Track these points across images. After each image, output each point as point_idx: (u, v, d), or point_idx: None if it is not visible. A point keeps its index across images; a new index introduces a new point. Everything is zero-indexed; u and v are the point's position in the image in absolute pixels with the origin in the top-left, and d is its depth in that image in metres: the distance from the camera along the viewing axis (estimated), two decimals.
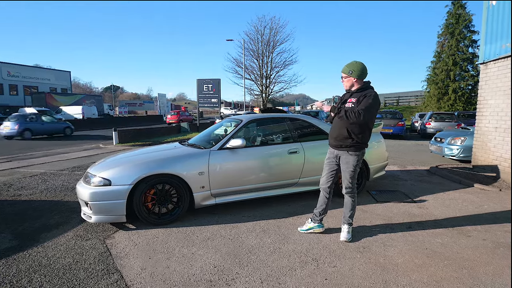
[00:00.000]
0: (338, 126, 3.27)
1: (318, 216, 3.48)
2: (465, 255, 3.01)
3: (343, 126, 3.21)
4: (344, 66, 3.25)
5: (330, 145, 3.41)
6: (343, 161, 3.28)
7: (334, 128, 3.34)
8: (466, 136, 7.99)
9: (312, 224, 3.51)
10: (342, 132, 3.22)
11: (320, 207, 3.47)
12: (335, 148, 3.33)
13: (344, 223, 3.39)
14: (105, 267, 2.84)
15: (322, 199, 3.48)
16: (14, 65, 40.84)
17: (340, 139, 3.24)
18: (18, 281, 2.61)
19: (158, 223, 3.76)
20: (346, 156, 3.25)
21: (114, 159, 4.26)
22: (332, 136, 3.35)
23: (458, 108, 24.11)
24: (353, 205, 3.35)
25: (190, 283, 2.57)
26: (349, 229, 3.36)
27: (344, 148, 3.24)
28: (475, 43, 24.53)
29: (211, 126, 5.84)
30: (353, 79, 3.21)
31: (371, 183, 5.45)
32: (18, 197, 5.15)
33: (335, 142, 3.31)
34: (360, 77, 3.20)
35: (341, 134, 3.23)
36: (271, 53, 34.59)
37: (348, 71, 3.20)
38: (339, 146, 3.27)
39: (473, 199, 4.91)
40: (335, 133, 3.30)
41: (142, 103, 60.52)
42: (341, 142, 3.24)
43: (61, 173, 7.06)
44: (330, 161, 3.42)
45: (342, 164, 3.29)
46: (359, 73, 3.18)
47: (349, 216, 3.35)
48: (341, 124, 3.23)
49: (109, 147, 12.14)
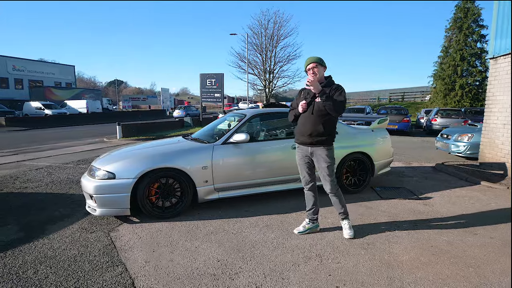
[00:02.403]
0: (311, 122, 3.15)
1: (314, 215, 3.41)
2: (472, 253, 2.97)
3: (318, 122, 3.12)
4: (311, 57, 3.18)
5: (301, 143, 3.29)
6: (319, 158, 3.20)
7: (306, 125, 3.19)
8: (473, 133, 7.89)
9: (310, 225, 3.42)
10: (317, 128, 3.12)
11: (312, 208, 3.39)
12: (309, 146, 3.23)
13: (341, 220, 3.34)
14: (110, 259, 2.85)
15: (310, 199, 3.39)
16: (19, 59, 41.01)
17: (315, 135, 3.15)
18: (24, 272, 2.63)
19: (162, 217, 3.77)
20: (321, 152, 3.18)
21: (118, 152, 4.27)
22: (305, 133, 3.20)
23: (465, 104, 23.78)
24: (341, 199, 3.28)
25: (193, 276, 2.57)
26: (349, 223, 3.32)
27: (319, 145, 3.17)
28: (484, 37, 24.10)
29: (214, 120, 5.81)
30: (323, 69, 3.20)
31: (376, 179, 5.41)
32: (24, 189, 5.19)
33: (309, 139, 3.19)
34: (325, 68, 3.23)
35: (316, 130, 3.13)
36: (274, 48, 34.32)
37: (319, 59, 3.16)
38: (314, 143, 3.17)
39: (480, 196, 4.85)
40: (309, 130, 3.16)
41: (146, 98, 60.49)
42: (317, 138, 3.15)
43: (66, 166, 7.10)
44: (304, 160, 3.32)
45: (319, 161, 3.21)
46: (325, 64, 3.21)
47: (342, 211, 3.30)
48: (315, 119, 3.13)
49: (113, 141, 12.19)
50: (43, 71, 43.73)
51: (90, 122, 24.09)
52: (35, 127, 19.87)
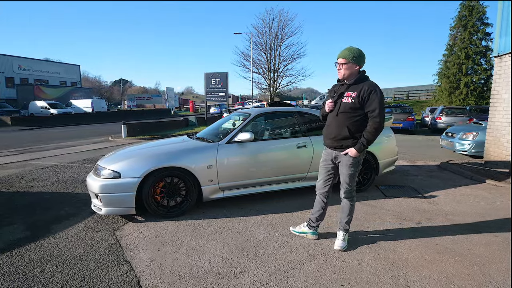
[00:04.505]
0: (336, 125, 2.90)
1: (315, 222, 3.19)
2: (477, 252, 2.96)
3: (343, 125, 2.85)
4: (343, 51, 2.83)
5: (327, 145, 3.06)
6: (343, 163, 2.93)
7: (331, 127, 2.94)
8: (478, 131, 7.83)
9: (306, 229, 3.25)
10: (342, 131, 2.85)
11: (317, 212, 3.16)
12: (333, 149, 2.98)
13: (339, 229, 3.07)
14: (115, 258, 2.88)
15: (319, 204, 3.15)
16: (25, 59, 41.36)
17: (339, 139, 2.89)
18: (30, 271, 2.66)
19: (167, 216, 3.79)
20: (346, 158, 2.89)
21: (123, 152, 4.30)
22: (329, 136, 2.96)
23: (470, 102, 23.60)
24: (351, 209, 3.02)
25: (198, 275, 2.59)
26: (345, 236, 3.04)
27: (344, 149, 2.89)
28: (489, 36, 23.89)
29: (219, 119, 5.83)
30: (355, 67, 2.83)
31: (380, 178, 5.39)
32: (30, 188, 5.24)
33: (333, 143, 2.94)
34: (361, 66, 2.86)
35: (340, 134, 2.87)
36: (279, 47, 34.34)
37: (351, 57, 2.78)
38: (339, 146, 2.92)
39: (485, 195, 4.82)
40: (333, 133, 2.91)
41: (150, 97, 60.73)
42: (341, 143, 2.89)
43: (71, 166, 7.16)
44: (326, 163, 3.07)
45: (342, 166, 2.94)
46: (361, 61, 2.83)
47: (346, 222, 3.03)
48: (340, 122, 2.87)
49: (118, 140, 12.26)
50: (48, 71, 44.06)
51: (95, 121, 24.22)
52: (40, 126, 20.01)
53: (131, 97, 56.72)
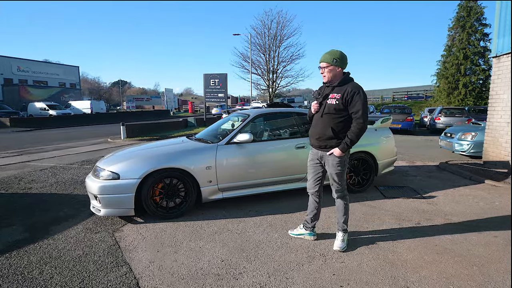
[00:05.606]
0: (321, 125, 2.95)
1: (310, 223, 3.22)
2: (476, 252, 2.96)
3: (328, 125, 2.90)
4: (324, 55, 2.89)
5: (312, 145, 3.10)
6: (328, 162, 2.96)
7: (316, 127, 3.00)
8: (477, 132, 7.85)
9: (303, 231, 3.27)
10: (326, 132, 2.90)
11: (311, 213, 3.20)
12: (319, 149, 3.02)
13: (338, 230, 3.09)
14: (114, 259, 2.87)
15: (312, 204, 3.19)
16: (24, 60, 41.34)
17: (324, 139, 2.94)
18: (29, 273, 2.65)
19: (166, 217, 3.78)
20: (331, 157, 2.93)
21: (122, 153, 4.29)
22: (315, 136, 3.01)
23: (469, 103, 23.67)
24: (346, 208, 3.05)
25: (198, 276, 2.59)
26: (344, 237, 3.06)
27: (329, 149, 2.94)
28: (487, 36, 23.99)
29: (218, 120, 5.83)
30: (337, 69, 2.88)
31: (380, 178, 5.40)
32: (28, 190, 5.23)
33: (318, 143, 2.99)
34: (343, 67, 2.91)
35: (325, 134, 2.92)
36: (278, 48, 34.43)
37: (332, 60, 2.84)
38: (323, 146, 2.96)
39: (484, 195, 4.83)
40: (318, 133, 2.96)
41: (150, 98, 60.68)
42: (325, 142, 2.93)
43: (70, 167, 7.14)
44: (314, 163, 3.10)
45: (328, 165, 2.97)
46: (343, 62, 2.88)
47: (343, 222, 3.05)
48: (325, 122, 2.92)
49: (117, 141, 12.24)
50: (47, 72, 44.05)
51: (94, 123, 24.20)
52: (39, 127, 19.98)
53: (130, 98, 56.65)
